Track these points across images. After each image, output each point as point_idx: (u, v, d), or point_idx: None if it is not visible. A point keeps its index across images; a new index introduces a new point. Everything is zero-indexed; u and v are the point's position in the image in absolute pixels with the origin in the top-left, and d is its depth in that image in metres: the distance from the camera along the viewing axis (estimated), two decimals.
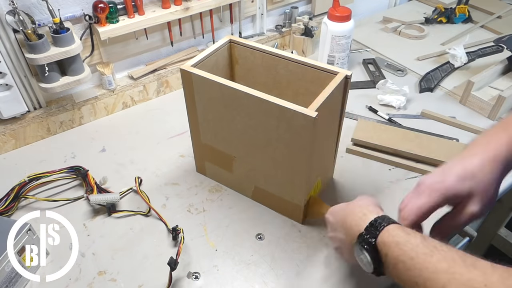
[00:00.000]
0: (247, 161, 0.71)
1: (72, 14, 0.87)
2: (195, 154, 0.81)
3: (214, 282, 0.64)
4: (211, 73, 0.65)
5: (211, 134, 0.73)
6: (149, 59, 1.06)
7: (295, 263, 0.66)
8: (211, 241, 0.70)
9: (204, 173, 0.82)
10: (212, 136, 0.73)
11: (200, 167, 0.82)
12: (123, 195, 0.78)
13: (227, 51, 0.75)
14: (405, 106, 1.01)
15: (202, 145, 0.76)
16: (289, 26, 1.22)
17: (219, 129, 0.71)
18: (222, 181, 0.80)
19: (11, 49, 0.80)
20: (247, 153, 0.70)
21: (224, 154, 0.74)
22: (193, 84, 0.67)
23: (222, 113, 0.67)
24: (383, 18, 1.39)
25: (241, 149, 0.70)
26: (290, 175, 0.66)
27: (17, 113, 0.87)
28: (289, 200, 0.70)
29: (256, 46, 0.73)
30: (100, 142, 0.92)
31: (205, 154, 0.78)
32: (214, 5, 1.01)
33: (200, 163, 0.81)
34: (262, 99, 0.60)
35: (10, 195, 0.74)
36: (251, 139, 0.67)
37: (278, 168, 0.67)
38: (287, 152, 0.63)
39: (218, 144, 0.73)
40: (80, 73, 0.87)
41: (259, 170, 0.71)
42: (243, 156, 0.71)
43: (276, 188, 0.71)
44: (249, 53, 0.74)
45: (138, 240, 0.70)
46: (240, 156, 0.72)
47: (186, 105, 0.72)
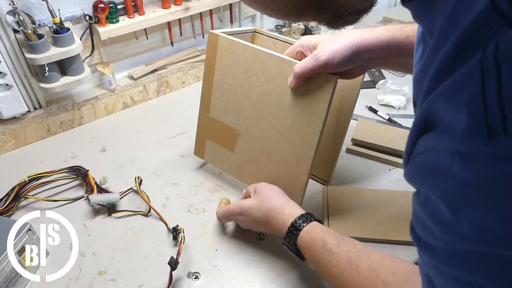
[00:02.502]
0: (252, 136, 0.71)
1: (72, 14, 0.87)
2: (197, 134, 0.81)
3: (214, 282, 0.64)
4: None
5: (221, 107, 0.74)
6: (149, 59, 1.06)
7: (295, 263, 0.66)
8: (211, 241, 0.70)
9: (202, 155, 0.82)
10: (222, 109, 0.74)
11: (199, 149, 0.82)
12: (123, 195, 0.78)
13: (250, 40, 0.79)
14: (405, 106, 1.01)
15: (208, 120, 0.77)
16: (289, 26, 1.22)
17: (232, 99, 0.72)
18: (220, 164, 0.80)
19: (11, 49, 0.80)
20: (255, 126, 0.71)
21: (230, 130, 0.74)
22: (218, 48, 0.69)
23: (240, 80, 0.69)
24: (383, 18, 1.39)
25: (250, 121, 0.71)
26: (296, 151, 0.66)
27: (17, 113, 0.87)
28: (289, 184, 0.69)
29: (279, 37, 0.76)
30: (100, 142, 0.92)
31: (209, 131, 0.78)
32: (214, 5, 1.01)
33: (200, 144, 0.81)
34: (285, 59, 0.62)
35: (10, 195, 0.74)
36: (264, 108, 0.68)
37: (285, 142, 0.67)
38: (299, 120, 0.64)
39: (226, 117, 0.74)
40: (80, 73, 0.87)
41: (264, 146, 0.70)
42: (250, 131, 0.72)
43: (277, 168, 0.70)
44: (271, 43, 0.76)
45: (138, 240, 0.70)
46: (247, 130, 0.72)
47: (204, 74, 0.74)
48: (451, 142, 0.25)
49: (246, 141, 0.73)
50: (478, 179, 0.23)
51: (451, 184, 0.25)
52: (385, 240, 0.68)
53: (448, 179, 0.25)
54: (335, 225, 0.70)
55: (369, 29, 0.58)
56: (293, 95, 0.63)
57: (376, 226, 0.69)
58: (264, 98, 0.67)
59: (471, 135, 0.23)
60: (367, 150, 0.86)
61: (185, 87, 1.11)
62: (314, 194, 0.78)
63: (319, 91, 0.60)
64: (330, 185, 0.79)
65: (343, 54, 0.56)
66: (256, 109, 0.69)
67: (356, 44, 0.56)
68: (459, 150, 0.24)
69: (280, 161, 0.69)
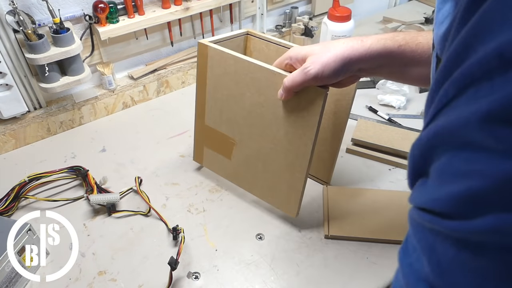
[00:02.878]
0: (248, 145, 0.71)
1: (72, 14, 0.87)
2: (195, 140, 0.81)
3: (214, 282, 0.64)
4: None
5: (216, 115, 0.74)
6: (149, 59, 1.06)
7: (295, 263, 0.66)
8: (211, 241, 0.70)
9: (201, 161, 0.82)
10: (217, 117, 0.74)
11: (198, 155, 0.82)
12: (123, 195, 0.78)
13: (243, 42, 0.77)
14: (405, 106, 1.01)
15: (204, 128, 0.77)
16: (289, 26, 1.22)
17: (226, 109, 0.71)
18: (219, 170, 0.80)
19: (11, 49, 0.80)
20: (249, 136, 0.70)
21: (226, 138, 0.74)
22: (208, 58, 0.68)
23: (232, 90, 0.68)
24: (383, 18, 1.39)
25: (244, 131, 0.71)
26: (290, 161, 0.66)
27: (17, 113, 0.87)
28: (286, 191, 0.70)
29: (272, 39, 0.75)
30: (100, 142, 0.92)
31: (206, 138, 0.78)
32: (214, 5, 1.01)
33: (198, 150, 0.81)
34: (274, 72, 0.61)
35: (10, 195, 0.74)
36: (256, 118, 0.67)
37: (279, 153, 0.67)
38: (292, 132, 0.64)
39: (221, 126, 0.74)
40: (80, 73, 0.87)
41: (259, 155, 0.70)
42: (245, 140, 0.71)
43: (273, 177, 0.70)
44: (264, 45, 0.76)
45: (138, 240, 0.70)
46: (242, 139, 0.72)
47: (196, 83, 0.73)
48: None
49: (242, 150, 0.73)
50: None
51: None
52: (385, 240, 0.68)
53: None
54: (335, 225, 0.70)
55: (360, 38, 0.56)
56: (285, 107, 0.62)
57: (376, 226, 0.69)
58: (256, 109, 0.67)
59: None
60: (367, 150, 0.86)
61: (185, 87, 1.11)
62: (314, 194, 0.78)
63: (310, 104, 0.59)
64: (330, 185, 0.79)
65: (333, 66, 0.54)
66: (249, 119, 0.69)
67: (347, 56, 0.55)
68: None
69: (275, 170, 0.69)
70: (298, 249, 0.69)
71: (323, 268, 0.66)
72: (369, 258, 0.67)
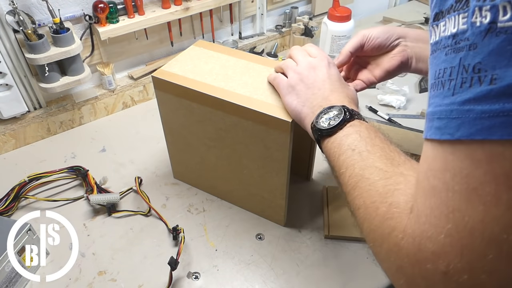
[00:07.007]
0: (223, 169, 0.71)
1: (72, 14, 0.87)
2: (170, 159, 0.80)
3: (214, 282, 0.64)
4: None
5: (184, 144, 0.73)
6: (149, 59, 1.06)
7: (295, 263, 0.66)
8: (211, 241, 0.70)
9: (183, 179, 0.81)
10: (186, 147, 0.73)
11: (176, 173, 0.81)
12: (123, 195, 0.78)
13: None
14: (405, 106, 1.01)
15: (176, 151, 0.77)
16: (289, 26, 1.22)
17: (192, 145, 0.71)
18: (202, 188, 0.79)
19: (11, 49, 0.80)
20: (223, 166, 0.70)
21: (200, 163, 0.74)
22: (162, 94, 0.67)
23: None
24: (383, 18, 1.39)
25: (217, 162, 0.71)
26: (268, 186, 0.67)
27: (17, 113, 0.87)
28: (269, 206, 0.71)
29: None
30: (100, 142, 0.92)
31: (180, 161, 0.78)
32: (214, 5, 1.01)
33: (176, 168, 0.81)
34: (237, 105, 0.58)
35: (10, 195, 0.74)
36: (226, 160, 0.68)
37: (256, 177, 0.67)
38: (263, 166, 0.64)
39: (192, 155, 0.73)
40: (80, 73, 0.87)
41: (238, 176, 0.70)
42: (219, 166, 0.71)
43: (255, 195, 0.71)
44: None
45: (138, 240, 0.70)
46: (216, 164, 0.71)
47: (159, 110, 0.72)
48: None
49: (217, 173, 0.73)
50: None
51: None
52: None
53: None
54: (335, 225, 0.70)
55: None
56: (252, 148, 0.63)
57: None
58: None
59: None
60: None
61: None
62: (314, 194, 0.78)
63: (277, 140, 0.58)
64: (330, 186, 0.79)
65: (380, 29, 0.62)
66: (219, 159, 0.69)
67: (391, 28, 0.63)
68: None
69: (256, 191, 0.70)
70: (298, 249, 0.69)
71: (323, 268, 0.66)
72: (369, 258, 0.67)
